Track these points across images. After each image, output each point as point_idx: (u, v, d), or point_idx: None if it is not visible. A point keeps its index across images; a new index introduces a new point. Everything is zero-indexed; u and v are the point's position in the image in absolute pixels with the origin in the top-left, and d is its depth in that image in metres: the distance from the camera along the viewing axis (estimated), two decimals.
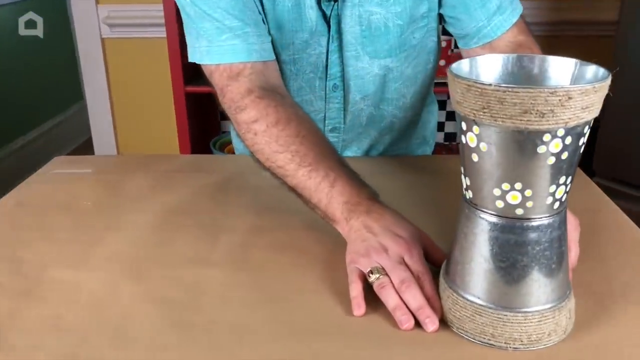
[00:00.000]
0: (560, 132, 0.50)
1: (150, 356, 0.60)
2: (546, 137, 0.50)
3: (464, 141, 0.54)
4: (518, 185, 0.52)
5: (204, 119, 2.15)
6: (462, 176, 0.57)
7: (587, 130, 0.52)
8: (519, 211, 0.53)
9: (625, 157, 2.10)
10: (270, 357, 0.59)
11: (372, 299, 0.65)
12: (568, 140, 0.51)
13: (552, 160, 0.51)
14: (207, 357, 0.59)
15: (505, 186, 0.53)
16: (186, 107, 1.91)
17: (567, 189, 0.54)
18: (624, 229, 0.81)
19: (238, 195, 0.94)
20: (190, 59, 0.92)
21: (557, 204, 0.54)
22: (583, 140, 0.52)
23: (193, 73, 1.89)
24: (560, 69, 0.57)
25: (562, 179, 0.53)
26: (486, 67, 0.58)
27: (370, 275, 0.65)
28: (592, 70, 0.54)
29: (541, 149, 0.50)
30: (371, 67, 0.99)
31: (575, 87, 0.48)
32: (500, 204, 0.54)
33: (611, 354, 0.57)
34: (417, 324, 0.61)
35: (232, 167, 1.06)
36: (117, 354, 0.60)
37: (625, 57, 2.02)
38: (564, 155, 0.51)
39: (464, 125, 0.54)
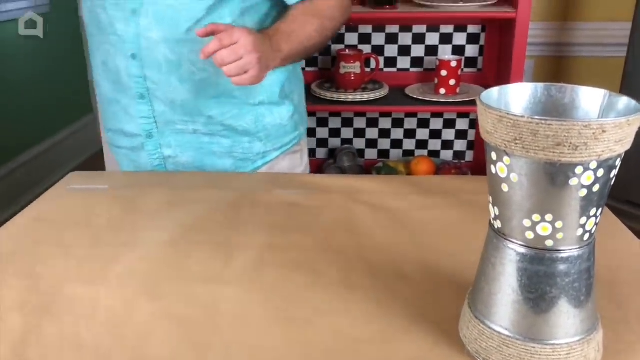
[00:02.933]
0: (593, 165, 0.50)
1: None
2: (578, 170, 0.50)
3: (493, 171, 0.54)
4: (549, 217, 0.52)
5: None
6: (490, 205, 0.57)
7: (618, 162, 0.52)
8: (549, 243, 0.53)
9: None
10: None
11: (388, 319, 0.65)
12: (600, 172, 0.50)
13: (583, 192, 0.51)
14: None
15: (536, 217, 0.52)
16: None
17: (597, 221, 0.54)
18: (638, 254, 0.81)
19: (251, 213, 0.94)
20: None
21: (587, 236, 0.54)
22: (614, 172, 0.52)
23: None
24: (590, 100, 0.57)
25: (593, 211, 0.53)
26: (515, 96, 0.58)
27: None
28: (623, 102, 0.54)
29: (573, 181, 0.50)
30: None
31: (609, 121, 0.48)
32: (530, 235, 0.53)
33: None
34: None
35: (245, 184, 1.06)
36: None
37: (636, 79, 2.03)
38: (596, 188, 0.51)
39: (494, 156, 0.54)
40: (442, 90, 1.96)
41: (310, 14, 1.08)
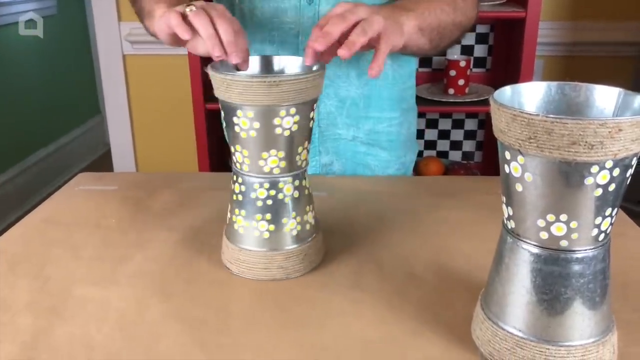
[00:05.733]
0: (609, 164, 0.49)
1: None
2: (594, 169, 0.49)
3: (507, 170, 0.54)
4: (563, 217, 0.51)
5: (223, 136, 2.16)
6: (504, 205, 0.56)
7: (634, 161, 0.51)
8: (564, 243, 0.52)
9: None
10: None
11: (404, 326, 0.64)
12: (616, 172, 0.50)
13: (599, 192, 0.50)
14: None
15: (550, 217, 0.52)
16: (206, 124, 1.92)
17: (613, 221, 0.53)
18: None
19: None
20: None
21: (602, 236, 0.53)
22: (630, 171, 0.51)
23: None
24: (604, 98, 0.56)
25: (608, 211, 0.52)
26: (528, 95, 0.58)
27: (187, 8, 0.74)
28: (638, 100, 0.54)
29: (588, 181, 0.50)
30: None
31: (626, 119, 0.47)
32: (544, 235, 0.53)
33: None
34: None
35: None
36: None
37: None
38: (611, 187, 0.50)
39: (507, 155, 0.53)
40: (451, 91, 1.95)
41: (445, 1, 0.96)
